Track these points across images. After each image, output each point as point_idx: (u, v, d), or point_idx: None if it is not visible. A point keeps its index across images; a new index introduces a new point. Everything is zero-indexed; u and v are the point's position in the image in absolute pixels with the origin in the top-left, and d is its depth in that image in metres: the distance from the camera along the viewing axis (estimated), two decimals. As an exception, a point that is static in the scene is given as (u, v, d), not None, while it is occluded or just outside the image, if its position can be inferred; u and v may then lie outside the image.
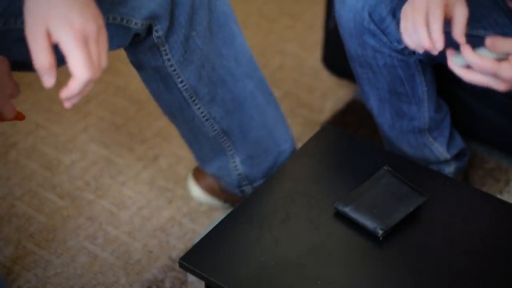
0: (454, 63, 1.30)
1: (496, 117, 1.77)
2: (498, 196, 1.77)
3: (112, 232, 1.77)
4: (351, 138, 1.56)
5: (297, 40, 2.31)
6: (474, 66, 1.26)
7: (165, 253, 1.73)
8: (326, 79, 2.15)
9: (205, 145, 1.54)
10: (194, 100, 1.46)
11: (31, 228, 1.78)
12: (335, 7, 1.55)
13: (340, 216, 1.35)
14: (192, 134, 1.53)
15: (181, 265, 1.31)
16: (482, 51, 1.27)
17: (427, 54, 1.54)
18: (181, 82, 1.44)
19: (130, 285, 1.67)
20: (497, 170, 1.91)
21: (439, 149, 1.73)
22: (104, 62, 1.09)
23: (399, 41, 1.51)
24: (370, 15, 1.49)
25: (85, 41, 1.06)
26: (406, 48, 1.54)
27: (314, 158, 1.50)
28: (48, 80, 1.06)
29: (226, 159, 1.55)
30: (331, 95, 2.11)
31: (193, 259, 1.30)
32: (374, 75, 1.59)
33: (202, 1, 1.39)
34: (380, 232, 1.31)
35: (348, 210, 1.34)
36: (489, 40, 1.25)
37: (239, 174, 1.56)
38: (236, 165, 1.55)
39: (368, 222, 1.32)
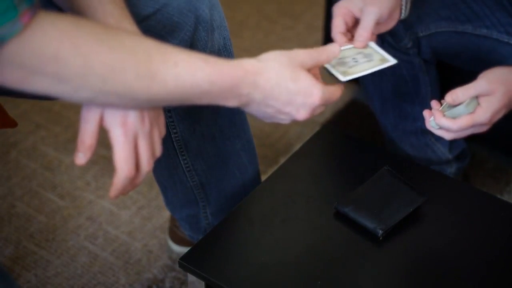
0: (432, 126, 1.31)
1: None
2: (498, 196, 1.77)
3: (112, 232, 1.77)
4: (351, 138, 1.56)
5: (297, 40, 2.31)
6: (453, 130, 1.27)
7: (165, 253, 1.73)
8: (326, 79, 2.15)
9: (180, 193, 1.55)
10: (182, 151, 1.47)
11: (31, 228, 1.77)
12: None
13: (340, 216, 1.35)
14: (171, 181, 1.54)
15: (181, 265, 1.31)
16: (454, 110, 1.28)
17: (431, 51, 1.55)
18: (175, 133, 1.44)
19: (130, 285, 1.67)
20: (497, 171, 1.91)
21: (441, 149, 1.72)
22: (158, 152, 1.12)
23: (404, 41, 1.51)
24: None
25: (134, 137, 1.08)
26: (411, 48, 1.54)
27: (314, 158, 1.50)
28: (81, 158, 1.08)
29: (198, 209, 1.56)
30: (331, 95, 2.11)
31: (193, 259, 1.30)
32: (378, 75, 1.59)
33: None
34: (380, 232, 1.31)
35: (348, 210, 1.34)
36: (449, 97, 1.26)
37: (208, 223, 1.58)
38: (206, 215, 1.57)
39: (368, 222, 1.32)
